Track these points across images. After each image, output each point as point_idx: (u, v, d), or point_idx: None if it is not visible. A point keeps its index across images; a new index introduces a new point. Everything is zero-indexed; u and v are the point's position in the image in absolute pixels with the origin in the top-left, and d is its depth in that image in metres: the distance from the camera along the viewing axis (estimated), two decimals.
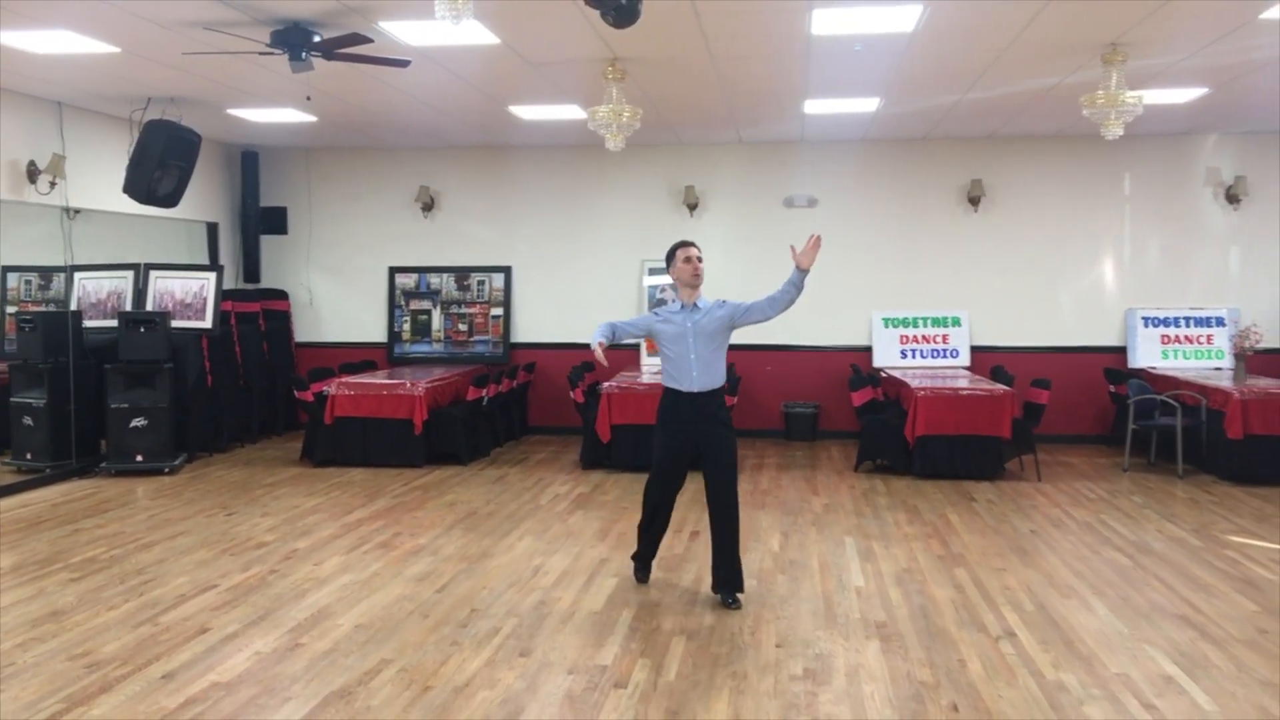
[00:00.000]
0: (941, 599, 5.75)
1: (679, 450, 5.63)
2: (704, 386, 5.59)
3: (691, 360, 5.58)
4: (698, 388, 5.58)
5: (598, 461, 9.67)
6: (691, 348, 5.59)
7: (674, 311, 5.73)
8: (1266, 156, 10.81)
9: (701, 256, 5.76)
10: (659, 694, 4.40)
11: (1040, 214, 11.18)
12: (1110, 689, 4.46)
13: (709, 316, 5.66)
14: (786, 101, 9.04)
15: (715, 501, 5.61)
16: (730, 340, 5.80)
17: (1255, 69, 7.73)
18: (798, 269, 5.53)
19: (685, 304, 5.71)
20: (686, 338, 5.60)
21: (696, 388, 5.58)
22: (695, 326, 5.61)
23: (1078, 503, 8.27)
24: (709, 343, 5.61)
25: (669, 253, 5.81)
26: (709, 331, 5.62)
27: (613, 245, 11.80)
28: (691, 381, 5.58)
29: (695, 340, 5.59)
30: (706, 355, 5.60)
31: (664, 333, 5.68)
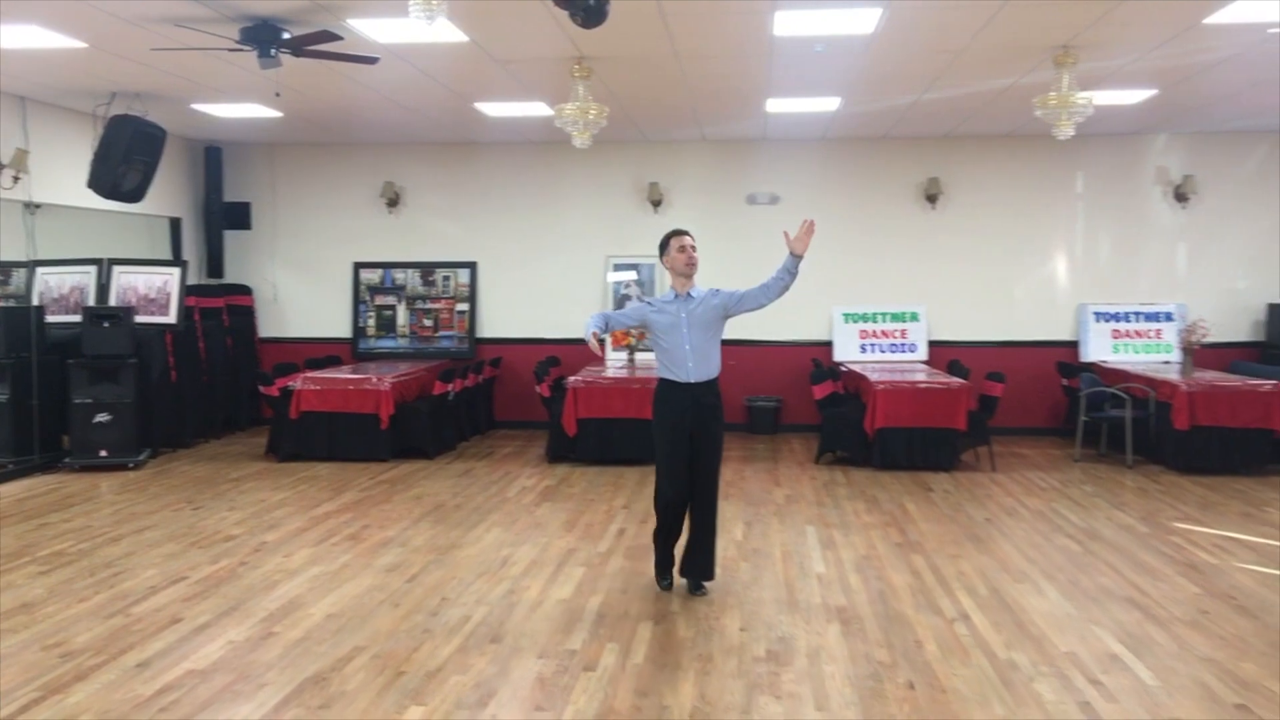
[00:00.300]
0: (899, 584, 5.94)
1: (680, 443, 5.53)
2: (700, 377, 5.54)
3: (686, 351, 5.52)
4: (694, 378, 5.53)
5: (564, 455, 9.78)
6: (686, 338, 5.53)
7: (667, 301, 5.65)
8: (1213, 156, 11.14)
9: (695, 245, 5.70)
10: (627, 676, 4.53)
11: (995, 212, 11.44)
12: (1059, 666, 4.66)
13: (703, 305, 5.59)
14: (749, 100, 9.20)
15: (697, 492, 5.60)
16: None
17: (1201, 71, 7.99)
18: (792, 255, 5.46)
19: (679, 294, 5.63)
20: (681, 328, 5.54)
21: (693, 378, 5.52)
22: (690, 316, 5.55)
23: (1030, 492, 8.51)
24: (704, 332, 5.55)
25: (663, 241, 5.74)
26: (704, 321, 5.56)
27: (578, 241, 11.92)
28: (687, 372, 5.53)
29: (690, 330, 5.53)
30: (701, 345, 5.54)
31: (657, 323, 5.61)
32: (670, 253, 5.66)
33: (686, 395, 5.52)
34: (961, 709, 4.19)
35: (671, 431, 5.54)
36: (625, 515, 7.64)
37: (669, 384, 5.58)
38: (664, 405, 5.59)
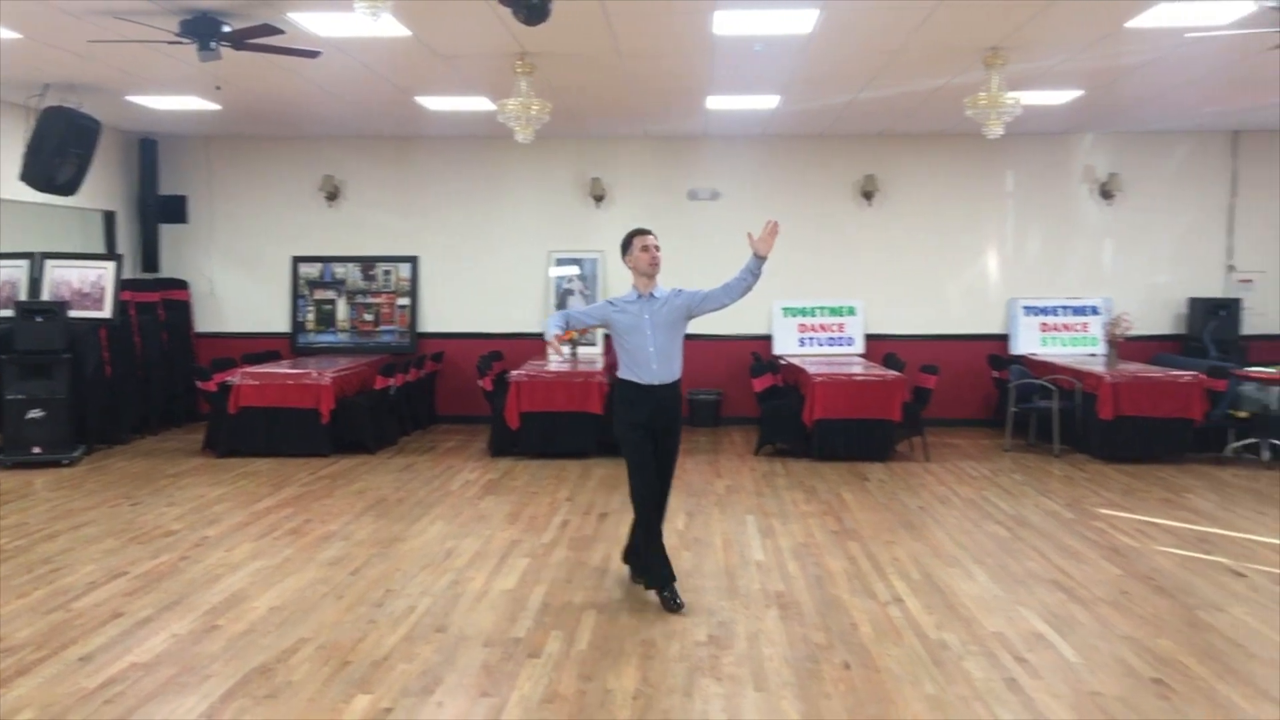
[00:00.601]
0: (836, 570, 6.10)
1: (647, 441, 5.38)
2: (663, 379, 5.40)
3: (650, 352, 5.37)
4: (657, 380, 5.38)
5: (506, 449, 9.83)
6: (650, 339, 5.38)
7: (630, 301, 5.48)
8: (1137, 155, 11.51)
9: (659, 245, 5.53)
10: (571, 662, 4.62)
11: (929, 208, 11.71)
12: (987, 646, 4.85)
13: (667, 306, 5.45)
14: (691, 97, 9.32)
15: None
16: None
17: (1125, 73, 8.29)
18: (755, 256, 5.34)
19: (641, 294, 5.47)
20: (644, 329, 5.39)
21: (656, 380, 5.38)
22: (654, 317, 5.41)
23: (962, 481, 8.76)
24: (668, 333, 5.42)
25: (625, 241, 5.57)
26: (668, 322, 5.42)
27: (520, 236, 11.95)
28: (651, 374, 5.37)
29: (654, 331, 5.38)
30: (665, 346, 5.40)
31: (619, 323, 5.44)
32: (633, 252, 5.50)
33: (649, 397, 5.39)
34: (894, 687, 4.35)
35: (634, 431, 5.38)
36: (569, 507, 7.72)
37: (631, 385, 5.43)
38: (627, 407, 5.44)
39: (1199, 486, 8.48)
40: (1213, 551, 6.49)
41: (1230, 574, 6.00)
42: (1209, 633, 5.02)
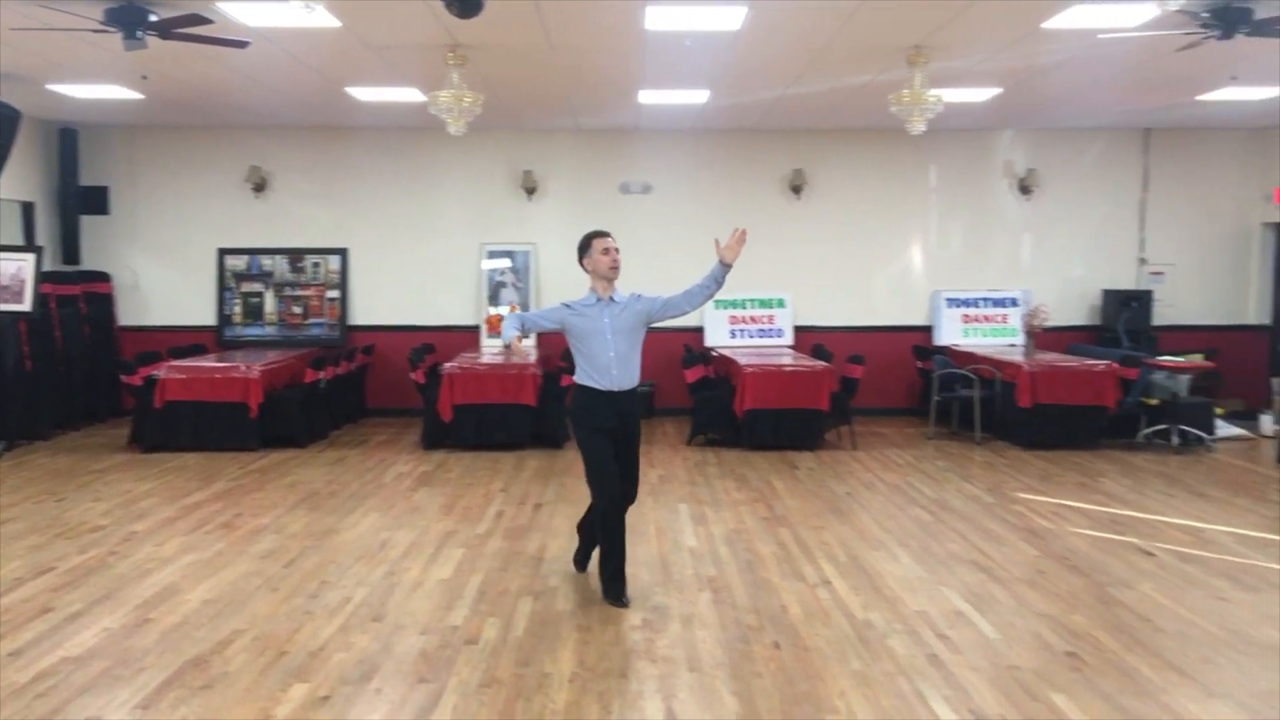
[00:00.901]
0: (766, 555, 6.26)
1: (607, 446, 5.26)
2: (623, 385, 5.25)
3: (610, 357, 5.22)
4: (617, 386, 5.23)
5: (440, 441, 9.83)
6: (610, 344, 5.22)
7: (588, 305, 5.30)
8: (1055, 151, 11.89)
9: (619, 247, 5.38)
10: (509, 648, 4.70)
11: (856, 203, 11.95)
12: (910, 624, 5.03)
13: (627, 311, 5.29)
14: (623, 91, 9.40)
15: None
16: None
17: (1041, 72, 8.57)
18: (721, 263, 5.17)
19: (600, 297, 5.31)
20: (604, 334, 5.22)
21: (615, 386, 5.23)
22: (614, 321, 5.24)
23: (888, 468, 9.00)
24: (628, 338, 5.26)
25: (583, 242, 5.39)
26: (627, 327, 5.26)
27: (451, 228, 11.93)
28: (610, 380, 5.22)
29: (614, 337, 5.22)
30: (625, 352, 5.24)
31: (577, 327, 5.27)
32: (593, 255, 5.32)
33: (608, 404, 5.24)
34: (823, 665, 4.51)
35: (594, 437, 5.25)
36: (503, 498, 7.77)
37: (590, 391, 5.27)
38: (585, 414, 5.28)
39: (1112, 471, 8.82)
40: (1124, 532, 6.78)
41: (1140, 553, 6.29)
42: (1119, 608, 5.27)
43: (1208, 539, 6.61)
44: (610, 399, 5.25)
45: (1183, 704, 4.10)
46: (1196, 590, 5.55)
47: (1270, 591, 5.52)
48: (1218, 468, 9.00)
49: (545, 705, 4.08)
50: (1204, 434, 9.89)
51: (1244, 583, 5.68)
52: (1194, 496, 7.85)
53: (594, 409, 5.26)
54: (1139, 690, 4.23)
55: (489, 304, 11.85)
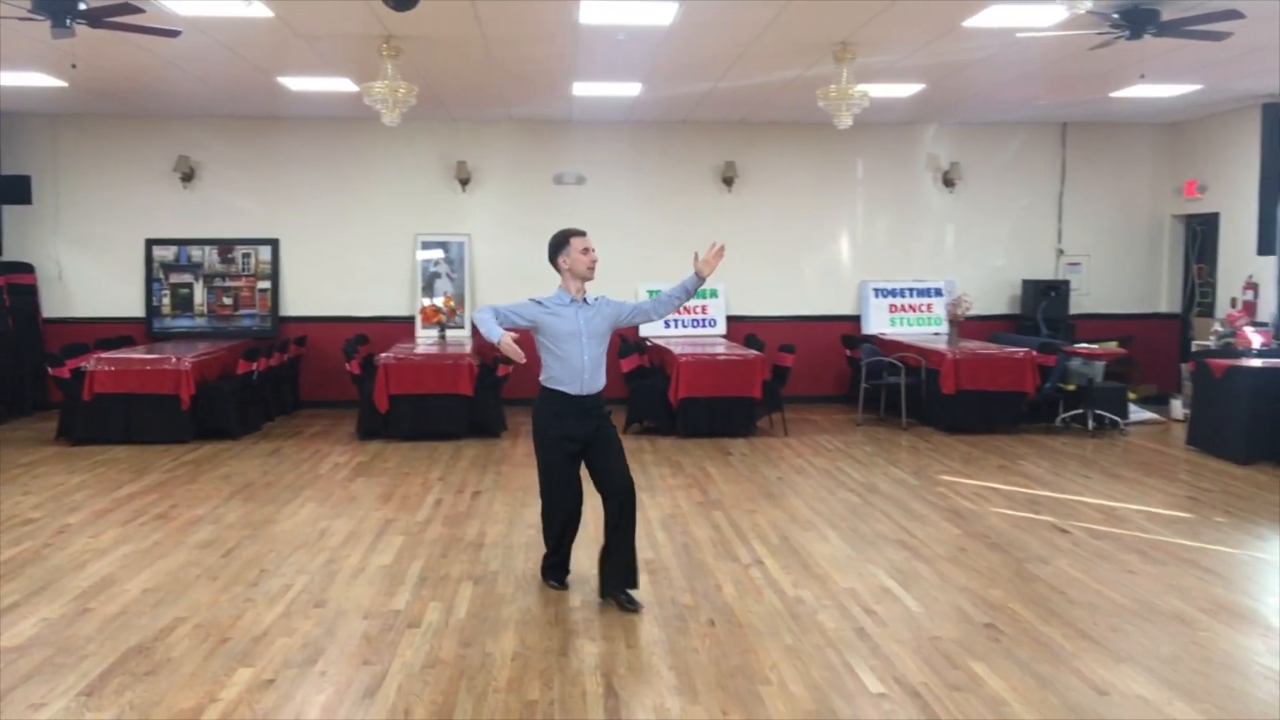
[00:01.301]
0: (701, 537, 6.43)
1: (571, 456, 5.12)
2: (592, 389, 5.08)
3: (585, 362, 5.02)
4: (587, 391, 5.05)
5: (375, 432, 9.84)
6: (585, 348, 5.02)
7: (562, 304, 5.07)
8: (977, 145, 12.25)
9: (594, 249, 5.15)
10: (450, 630, 4.80)
11: (786, 195, 12.18)
12: (839, 600, 5.24)
13: (599, 315, 5.12)
14: (556, 83, 9.49)
15: (613, 490, 5.13)
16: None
17: (962, 69, 8.85)
18: (697, 275, 5.09)
19: (574, 298, 5.09)
20: (580, 337, 5.02)
21: (586, 390, 5.05)
22: (588, 325, 5.05)
23: (818, 453, 9.24)
24: (599, 344, 5.09)
25: (559, 241, 5.14)
26: (599, 331, 5.09)
27: (385, 219, 11.90)
28: (582, 384, 5.03)
29: (588, 341, 5.04)
30: (597, 356, 5.08)
31: (552, 327, 5.02)
32: (570, 253, 5.07)
33: (576, 408, 5.05)
34: (755, 640, 4.69)
35: (558, 445, 5.08)
36: (442, 486, 7.84)
37: (556, 395, 5.05)
38: (551, 419, 5.08)
39: (1031, 454, 9.17)
40: (1041, 511, 7.09)
41: (1056, 531, 6.59)
42: (1035, 582, 5.53)
43: (1119, 517, 6.95)
44: (579, 404, 5.06)
45: (1093, 669, 4.35)
46: (1107, 564, 5.85)
47: (1175, 565, 5.84)
48: (1131, 450, 9.40)
49: (488, 683, 4.19)
50: (1118, 418, 10.31)
51: (1152, 557, 6.00)
52: (1107, 477, 8.22)
53: (560, 413, 5.06)
54: (1052, 657, 4.48)
55: (423, 295, 11.86)
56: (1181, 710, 3.94)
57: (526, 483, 7.97)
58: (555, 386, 5.06)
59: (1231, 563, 5.89)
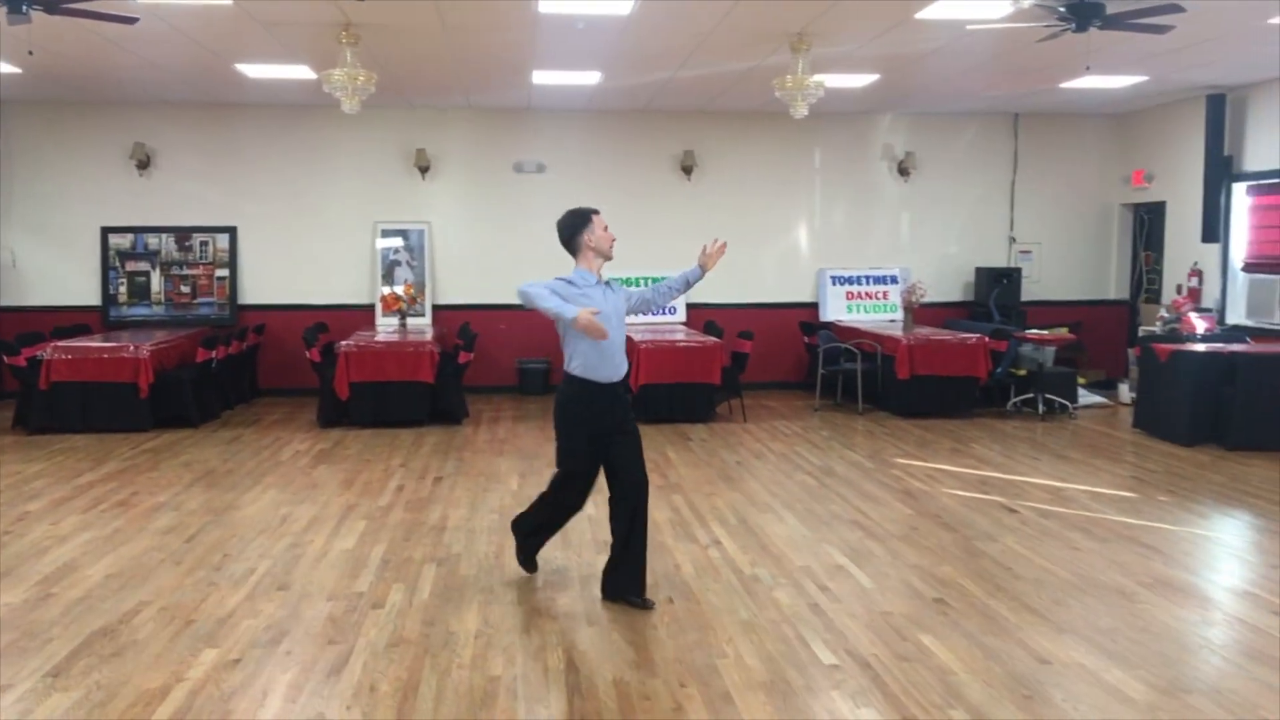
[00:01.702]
0: (661, 519, 6.55)
1: (597, 454, 4.93)
2: (622, 375, 4.90)
3: (616, 346, 4.83)
4: (619, 376, 4.88)
5: (336, 420, 9.86)
6: (615, 330, 4.79)
7: (591, 285, 4.86)
8: (931, 134, 12.45)
9: None
10: (415, 610, 4.88)
11: (745, 183, 12.31)
12: (794, 577, 5.38)
13: (619, 296, 4.98)
14: (516, 71, 9.53)
15: (628, 490, 4.98)
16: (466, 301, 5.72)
17: (916, 60, 9.01)
18: (700, 268, 5.13)
19: (599, 279, 4.91)
20: (610, 318, 4.76)
21: (618, 376, 4.87)
22: (614, 308, 4.86)
23: (776, 438, 9.40)
24: (623, 326, 4.94)
25: (579, 218, 4.90)
26: (621, 313, 4.95)
27: (344, 206, 11.88)
28: (614, 369, 4.83)
29: (618, 323, 4.85)
30: (621, 341, 4.90)
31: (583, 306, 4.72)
32: (594, 230, 4.85)
33: (608, 397, 4.84)
34: (713, 616, 4.82)
35: (590, 443, 4.87)
36: (404, 473, 7.89)
37: (589, 386, 4.81)
38: (585, 410, 4.84)
39: (983, 437, 9.39)
40: (991, 492, 7.29)
41: (1004, 510, 6.78)
42: (983, 559, 5.71)
43: (1066, 497, 7.16)
44: (612, 392, 4.85)
45: (1036, 640, 4.53)
46: (1052, 542, 6.05)
47: (1117, 542, 6.05)
48: (1079, 433, 9.65)
49: (452, 660, 4.28)
50: (1067, 402, 10.57)
51: (1095, 534, 6.20)
52: (1056, 459, 8.45)
53: (595, 404, 4.82)
54: (998, 629, 4.65)
55: (383, 283, 11.86)
56: (1118, 677, 4.12)
57: (489, 469, 8.07)
58: (588, 375, 4.79)
59: (1172, 539, 6.11)
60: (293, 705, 3.85)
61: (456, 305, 11.88)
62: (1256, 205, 10.47)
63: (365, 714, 3.78)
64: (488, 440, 9.24)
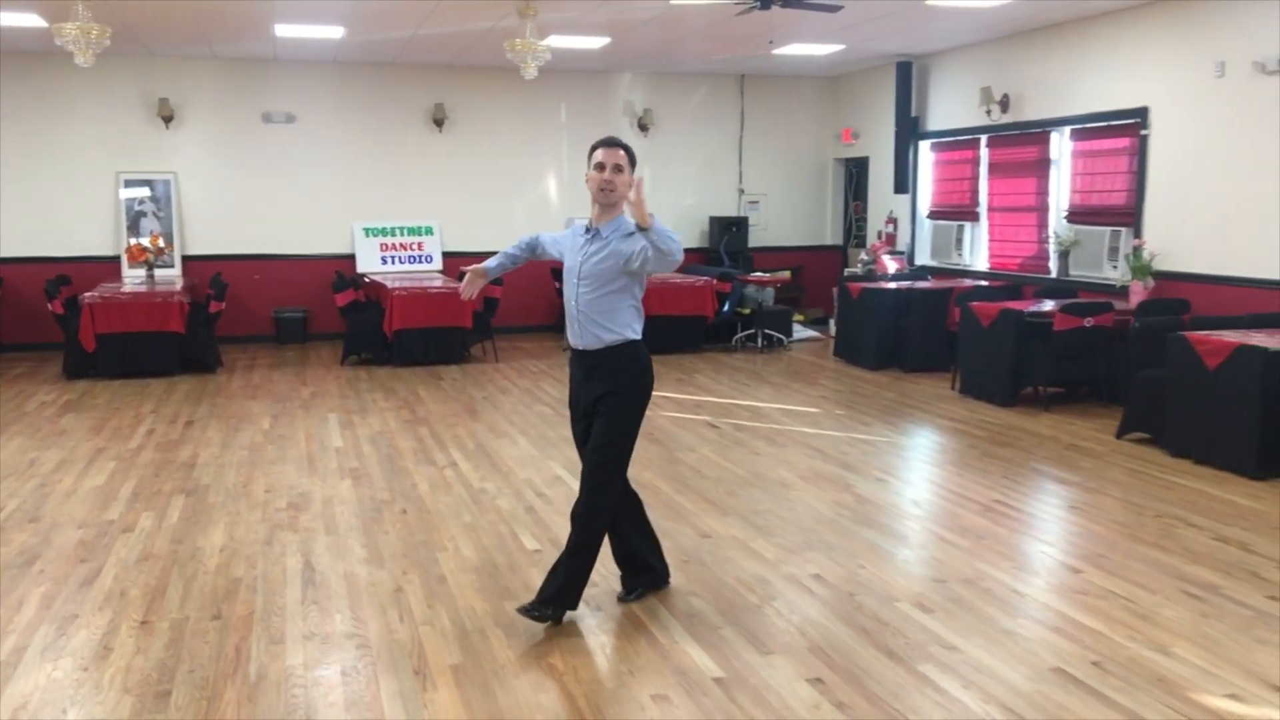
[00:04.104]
0: (405, 448, 7.20)
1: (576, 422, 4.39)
2: (586, 344, 4.15)
3: (573, 306, 4.16)
4: (581, 345, 4.17)
5: (83, 371, 9.86)
6: (574, 288, 4.15)
7: (577, 234, 4.26)
8: (667, 93, 13.43)
9: (621, 166, 4.12)
10: (163, 532, 5.35)
11: (495, 136, 12.90)
12: (517, 488, 6.19)
13: (608, 251, 4.10)
14: (257, 24, 9.71)
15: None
16: (218, 251, 5.86)
17: (638, 25, 9.86)
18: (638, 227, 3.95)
19: (590, 227, 4.19)
20: (573, 275, 4.18)
21: (579, 344, 4.18)
22: (587, 262, 4.12)
23: (523, 375, 10.19)
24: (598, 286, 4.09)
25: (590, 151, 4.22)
26: (600, 271, 4.10)
27: (84, 156, 11.65)
28: (577, 335, 4.18)
29: (582, 281, 4.12)
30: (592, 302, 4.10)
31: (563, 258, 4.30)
32: (589, 168, 4.17)
33: (580, 368, 4.23)
34: (440, 522, 5.54)
35: (572, 406, 4.37)
36: (154, 418, 8.15)
37: (570, 352, 4.34)
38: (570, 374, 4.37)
39: (707, 369, 10.52)
40: (700, 413, 8.34)
41: (708, 427, 7.84)
42: (680, 465, 6.70)
43: (762, 414, 8.30)
44: (581, 364, 4.21)
45: (705, 522, 5.52)
46: (740, 449, 7.13)
47: (792, 447, 7.20)
48: (791, 363, 10.95)
49: (198, 568, 4.82)
50: (784, 337, 11.89)
51: (776, 442, 7.34)
52: (762, 384, 9.65)
53: (572, 373, 4.33)
54: (677, 516, 5.61)
55: (129, 234, 11.76)
56: (760, 544, 5.16)
57: (241, 411, 8.44)
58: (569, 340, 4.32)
59: (836, 443, 7.32)
60: (47, 611, 4.30)
61: (208, 255, 11.93)
62: (938, 160, 12.05)
63: (116, 612, 4.29)
64: (241, 386, 9.55)
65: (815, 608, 4.38)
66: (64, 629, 4.13)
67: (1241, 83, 8.07)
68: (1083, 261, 9.79)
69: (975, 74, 11.11)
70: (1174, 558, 4.95)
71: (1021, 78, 10.44)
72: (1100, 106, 9.44)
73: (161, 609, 4.35)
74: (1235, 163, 8.17)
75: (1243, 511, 5.67)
